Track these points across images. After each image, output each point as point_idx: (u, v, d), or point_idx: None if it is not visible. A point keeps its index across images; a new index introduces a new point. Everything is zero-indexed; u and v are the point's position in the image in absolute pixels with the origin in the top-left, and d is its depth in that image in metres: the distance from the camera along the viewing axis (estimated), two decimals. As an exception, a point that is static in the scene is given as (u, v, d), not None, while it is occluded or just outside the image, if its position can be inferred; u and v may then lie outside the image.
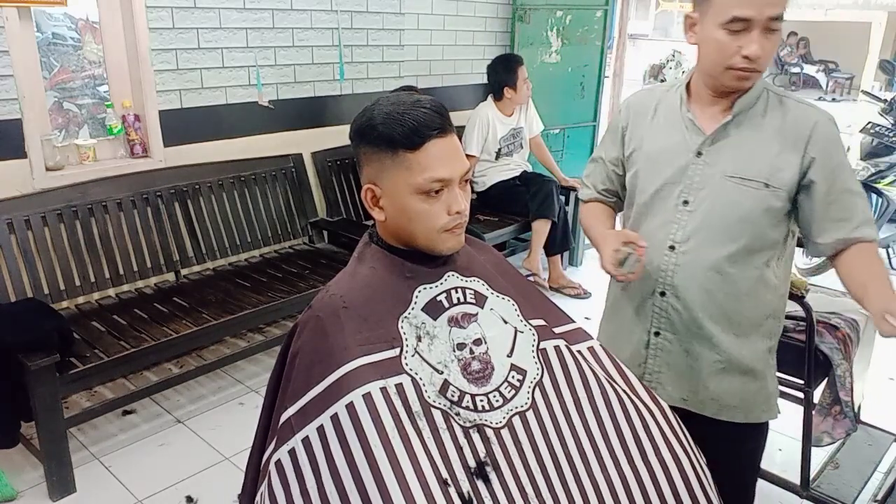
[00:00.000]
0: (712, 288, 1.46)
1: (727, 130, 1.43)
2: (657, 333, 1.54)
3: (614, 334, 1.64)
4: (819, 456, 2.28)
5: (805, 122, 1.40)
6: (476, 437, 1.10)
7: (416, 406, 1.08)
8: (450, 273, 1.21)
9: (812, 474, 2.16)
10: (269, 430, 1.18)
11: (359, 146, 1.16)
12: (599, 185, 1.69)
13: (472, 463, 1.07)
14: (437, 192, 1.12)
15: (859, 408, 2.38)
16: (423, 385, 1.10)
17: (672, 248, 1.48)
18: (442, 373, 1.12)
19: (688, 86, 1.49)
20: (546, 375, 1.19)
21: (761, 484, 1.91)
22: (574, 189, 4.22)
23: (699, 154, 1.45)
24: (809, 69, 13.63)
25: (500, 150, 3.96)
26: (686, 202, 1.46)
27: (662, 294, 1.51)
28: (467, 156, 2.88)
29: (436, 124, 1.11)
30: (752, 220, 1.42)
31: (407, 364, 1.11)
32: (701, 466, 1.23)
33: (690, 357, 1.52)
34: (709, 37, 1.36)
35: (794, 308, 1.85)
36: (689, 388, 1.54)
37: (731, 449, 1.54)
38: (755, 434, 1.61)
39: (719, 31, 1.33)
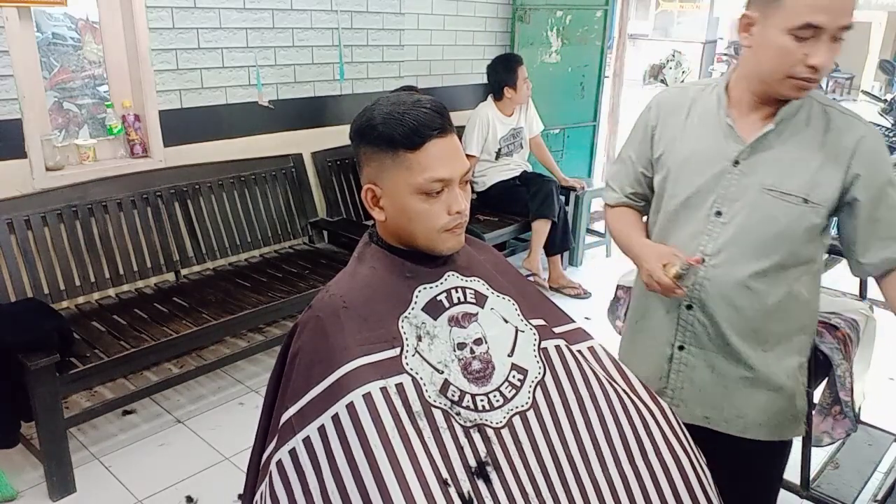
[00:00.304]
0: (742, 303, 1.40)
1: (768, 140, 1.35)
2: (681, 347, 1.48)
3: (635, 348, 1.59)
4: (819, 456, 2.28)
5: (850, 136, 1.33)
6: (476, 436, 1.10)
7: (416, 406, 1.08)
8: (450, 273, 1.21)
9: (812, 474, 2.16)
10: (269, 430, 1.18)
11: (359, 146, 1.16)
12: (627, 187, 1.59)
13: (472, 462, 1.07)
14: (437, 192, 1.12)
15: (860, 408, 2.39)
16: (424, 384, 1.10)
17: (703, 261, 1.40)
18: (442, 372, 1.12)
19: (726, 88, 1.41)
20: (548, 374, 1.19)
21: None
22: (574, 189, 4.22)
23: (736, 163, 1.37)
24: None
25: (500, 150, 3.96)
26: (719, 213, 1.39)
27: (689, 307, 1.45)
28: (467, 156, 2.89)
29: (436, 124, 1.11)
30: (787, 237, 1.36)
31: (407, 364, 1.11)
32: (701, 466, 1.23)
33: (715, 373, 1.46)
34: (771, 41, 1.25)
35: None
36: (713, 405, 1.48)
37: (753, 467, 1.51)
38: (780, 451, 1.56)
39: (785, 36, 1.23)
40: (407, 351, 1.12)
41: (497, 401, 1.14)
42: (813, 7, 1.19)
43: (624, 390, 1.25)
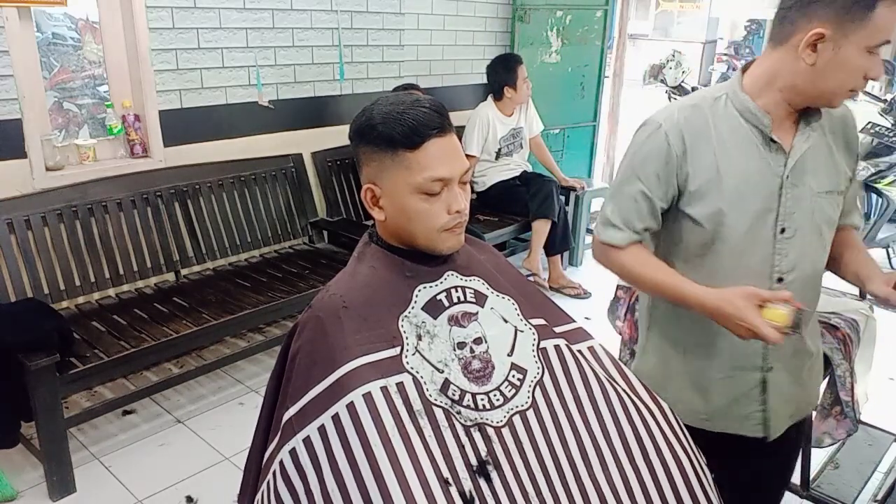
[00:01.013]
0: (814, 304, 1.43)
1: (803, 145, 1.33)
2: (770, 369, 1.41)
3: (698, 382, 1.45)
4: (819, 456, 2.27)
5: (843, 119, 1.38)
6: (477, 435, 1.10)
7: (417, 404, 1.08)
8: (449, 272, 1.21)
9: (812, 474, 2.16)
10: (269, 430, 1.18)
11: (358, 146, 1.16)
12: (638, 223, 1.39)
13: (473, 461, 1.07)
14: (436, 191, 1.12)
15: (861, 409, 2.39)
16: (425, 383, 1.10)
17: (780, 279, 1.35)
18: (443, 372, 1.12)
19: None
20: (546, 374, 1.19)
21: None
22: (574, 189, 4.22)
23: (787, 177, 1.32)
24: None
25: (500, 150, 3.96)
26: (783, 230, 1.33)
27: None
28: (467, 156, 2.88)
29: (435, 123, 1.11)
30: (832, 229, 1.40)
31: (408, 363, 1.11)
32: (701, 467, 1.23)
33: (793, 377, 1.46)
34: (848, 59, 1.20)
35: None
36: (797, 405, 1.51)
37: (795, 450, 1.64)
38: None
39: (864, 54, 1.19)
40: (407, 350, 1.12)
41: (497, 400, 1.14)
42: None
43: (624, 390, 1.24)
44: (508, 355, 1.18)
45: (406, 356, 1.11)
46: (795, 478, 2.11)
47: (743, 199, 1.31)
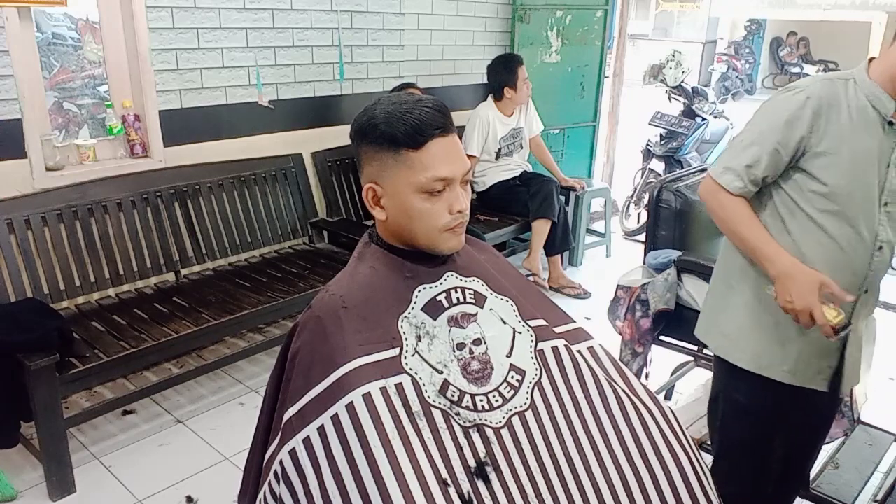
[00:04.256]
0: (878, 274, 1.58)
1: None
2: (849, 325, 1.54)
3: (783, 337, 1.58)
4: (819, 456, 2.27)
5: None
6: (476, 436, 1.10)
7: (415, 406, 1.08)
8: (449, 273, 1.21)
9: (812, 474, 2.16)
10: (269, 431, 1.18)
11: (360, 145, 1.16)
12: (759, 173, 1.53)
13: (472, 463, 1.07)
14: (438, 191, 1.12)
15: (861, 408, 2.39)
16: (423, 385, 1.10)
17: (881, 248, 1.52)
18: (442, 373, 1.12)
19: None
20: (545, 376, 1.19)
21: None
22: (574, 189, 4.22)
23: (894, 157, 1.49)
24: (809, 69, 13.65)
25: (500, 150, 3.96)
26: (886, 203, 1.50)
27: (867, 291, 1.56)
28: (467, 156, 2.88)
29: (438, 123, 1.11)
30: None
31: (407, 364, 1.11)
32: (701, 466, 1.23)
33: (859, 340, 1.61)
34: None
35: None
36: (860, 367, 1.64)
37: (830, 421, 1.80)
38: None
39: None
40: (406, 351, 1.12)
41: (496, 401, 1.14)
42: None
43: (623, 390, 1.25)
44: (507, 356, 1.18)
45: (405, 357, 1.11)
46: (795, 478, 2.11)
47: (858, 169, 1.47)
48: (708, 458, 1.86)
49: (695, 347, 2.33)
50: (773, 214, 1.57)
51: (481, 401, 1.13)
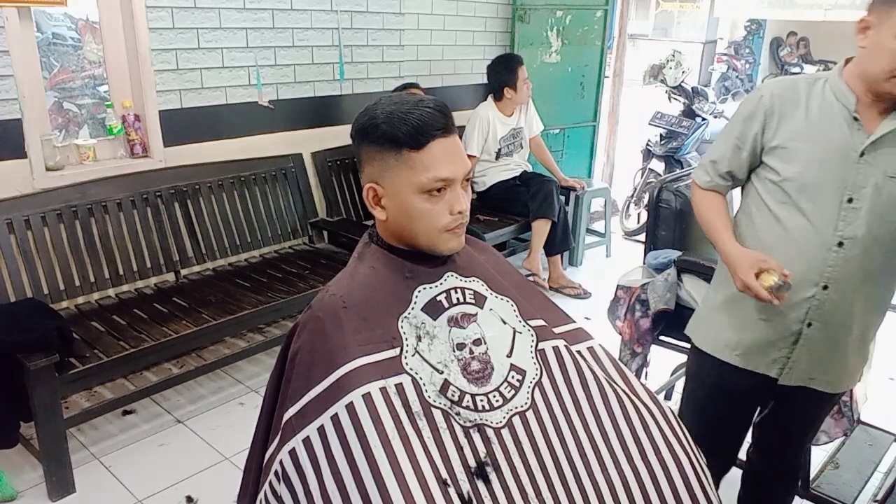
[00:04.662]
0: (876, 279, 1.55)
1: (883, 129, 1.46)
2: (809, 325, 1.57)
3: (741, 322, 1.65)
4: (819, 456, 2.28)
5: None
6: (476, 436, 1.10)
7: (416, 406, 1.08)
8: (449, 273, 1.21)
9: (812, 474, 2.16)
10: (269, 431, 1.18)
11: (361, 145, 1.16)
12: (725, 168, 1.64)
13: (472, 463, 1.07)
14: (439, 191, 1.12)
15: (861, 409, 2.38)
16: (424, 385, 1.10)
17: (841, 244, 1.50)
18: (442, 373, 1.12)
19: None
20: (545, 376, 1.19)
21: (761, 484, 1.91)
22: (574, 189, 4.22)
23: (862, 154, 1.47)
24: (809, 69, 13.64)
25: (500, 150, 3.96)
26: (850, 199, 1.49)
27: (825, 288, 1.54)
28: (467, 156, 2.88)
29: (440, 124, 1.11)
30: None
31: (407, 364, 1.11)
32: (701, 466, 1.23)
33: (832, 342, 1.59)
34: (883, 45, 1.39)
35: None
36: (822, 369, 1.62)
37: (812, 415, 1.77)
38: (837, 398, 1.80)
39: (894, 41, 1.36)
40: (406, 351, 1.12)
41: (497, 401, 1.14)
42: None
43: (623, 391, 1.25)
44: (507, 356, 1.18)
45: (405, 357, 1.11)
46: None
47: (816, 162, 1.50)
48: (734, 471, 1.88)
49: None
50: (747, 208, 1.66)
51: (482, 401, 1.13)
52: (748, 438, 1.88)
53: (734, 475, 1.92)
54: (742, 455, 1.92)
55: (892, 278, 1.61)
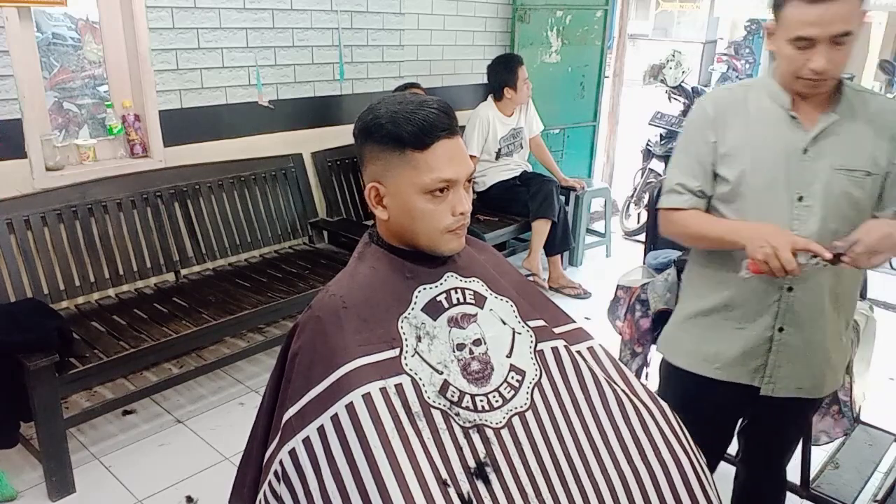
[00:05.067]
0: (840, 274, 1.51)
1: (828, 128, 1.47)
2: (781, 329, 1.55)
3: (714, 335, 1.63)
4: (819, 456, 2.28)
5: (889, 111, 1.48)
6: (476, 437, 1.10)
7: (415, 406, 1.08)
8: (449, 273, 1.21)
9: (812, 474, 2.16)
10: (269, 431, 1.18)
11: (364, 144, 1.16)
12: (694, 183, 1.59)
13: (471, 463, 1.07)
14: (441, 192, 1.12)
15: (860, 408, 2.38)
16: (423, 385, 1.10)
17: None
18: (442, 373, 1.12)
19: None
20: (545, 377, 1.19)
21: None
22: (574, 189, 4.22)
23: (805, 151, 1.48)
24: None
25: (500, 150, 3.96)
26: (801, 198, 1.48)
27: (790, 290, 1.52)
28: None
29: (444, 124, 1.11)
30: (861, 208, 1.48)
31: (407, 364, 1.11)
32: (701, 466, 1.23)
33: (809, 347, 1.56)
34: (781, 49, 1.42)
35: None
36: (809, 375, 1.59)
37: (798, 421, 1.77)
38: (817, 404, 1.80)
39: (788, 45, 1.39)
40: (406, 352, 1.12)
41: (496, 401, 1.14)
42: (802, 23, 1.34)
43: (623, 391, 1.24)
44: (507, 357, 1.18)
45: (405, 358, 1.11)
46: (795, 478, 2.12)
47: (762, 164, 1.50)
48: (723, 466, 1.88)
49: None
50: None
51: (481, 401, 1.13)
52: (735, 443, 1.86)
53: (727, 470, 1.92)
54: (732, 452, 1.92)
55: (858, 282, 1.60)
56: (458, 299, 1.19)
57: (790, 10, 1.36)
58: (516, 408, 1.15)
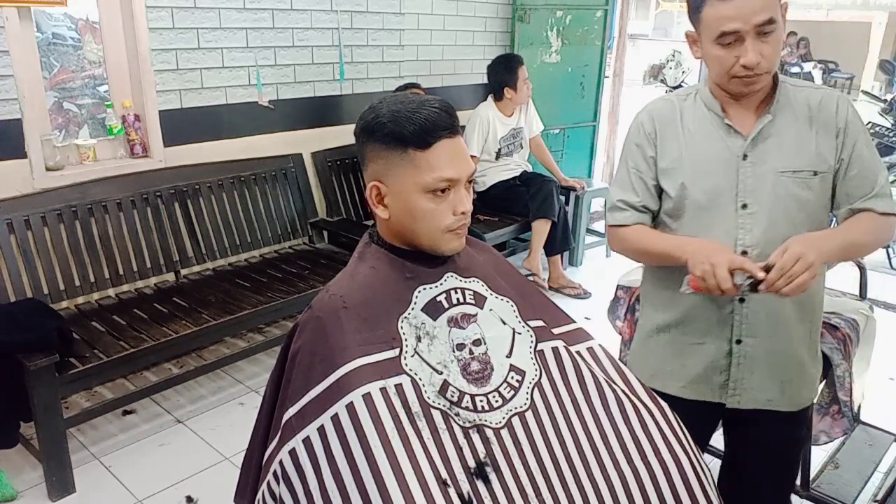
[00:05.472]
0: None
1: (766, 129, 1.43)
2: (738, 342, 1.50)
3: (675, 352, 1.58)
4: (819, 456, 2.28)
5: (830, 105, 1.43)
6: (476, 437, 1.10)
7: (415, 406, 1.08)
8: (449, 274, 1.21)
9: (812, 474, 2.16)
10: (269, 431, 1.18)
11: (365, 143, 1.16)
12: (636, 199, 1.55)
13: (471, 463, 1.07)
14: (443, 191, 1.12)
15: (859, 407, 2.39)
16: (423, 385, 1.10)
17: (745, 253, 1.43)
18: (441, 373, 1.12)
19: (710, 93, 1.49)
20: (544, 377, 1.19)
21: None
22: (574, 189, 4.22)
23: (745, 157, 1.44)
24: (809, 69, 13.63)
25: (500, 150, 3.96)
26: (745, 205, 1.44)
27: (742, 301, 1.47)
28: (467, 156, 2.88)
29: (446, 124, 1.11)
30: (810, 210, 1.43)
31: (406, 364, 1.11)
32: (701, 466, 1.23)
33: (772, 357, 1.51)
34: (708, 52, 1.40)
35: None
36: (777, 387, 1.52)
37: (785, 439, 1.61)
38: (803, 419, 1.65)
39: (715, 46, 1.37)
40: (406, 352, 1.12)
41: (496, 401, 1.14)
42: (723, 18, 1.32)
43: (623, 391, 1.24)
44: (507, 357, 1.18)
45: (405, 358, 1.11)
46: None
47: (702, 175, 1.46)
48: (709, 459, 1.86)
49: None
50: None
51: (481, 401, 1.13)
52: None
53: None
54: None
55: (819, 288, 1.53)
56: (458, 299, 1.19)
57: (708, 11, 1.34)
58: (516, 408, 1.15)
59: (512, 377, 1.17)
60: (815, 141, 1.42)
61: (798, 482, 2.10)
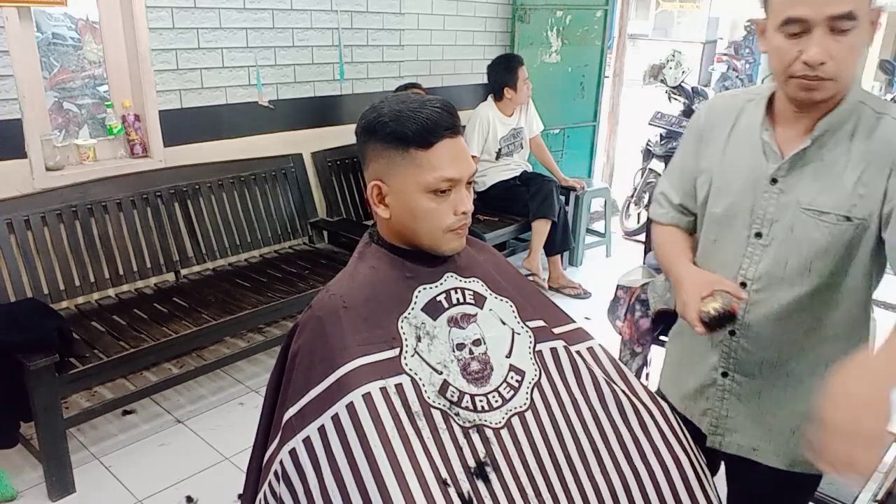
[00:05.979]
0: (790, 327, 1.27)
1: (806, 155, 1.21)
2: (725, 374, 1.36)
3: (679, 361, 1.50)
4: (819, 456, 2.27)
5: (890, 142, 1.17)
6: (476, 437, 1.10)
7: (415, 406, 1.08)
8: (449, 273, 1.21)
9: (812, 474, 2.15)
10: (269, 431, 1.18)
11: (366, 142, 1.16)
12: (677, 199, 1.43)
13: (471, 463, 1.07)
14: (444, 191, 1.12)
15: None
16: (423, 385, 1.10)
17: (743, 284, 1.28)
18: (441, 373, 1.12)
19: (770, 100, 1.27)
20: (544, 377, 1.19)
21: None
22: (574, 189, 4.22)
23: (774, 181, 1.24)
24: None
25: (500, 150, 3.96)
26: (759, 234, 1.26)
27: (732, 333, 1.31)
28: (467, 156, 2.88)
29: (448, 123, 1.11)
30: (831, 265, 1.22)
31: (406, 364, 1.11)
32: (701, 467, 1.23)
33: (765, 402, 1.33)
34: (771, 43, 1.17)
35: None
36: (763, 436, 1.35)
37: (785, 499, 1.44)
38: (802, 483, 1.40)
39: (778, 35, 1.14)
40: (406, 352, 1.12)
41: (496, 401, 1.14)
42: (791, 2, 1.11)
43: (623, 391, 1.24)
44: (507, 357, 1.18)
45: (405, 358, 1.11)
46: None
47: (725, 189, 1.32)
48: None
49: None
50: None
51: (481, 401, 1.13)
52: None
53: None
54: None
55: (829, 334, 1.29)
56: (457, 299, 1.19)
57: None
58: (516, 408, 1.15)
59: (511, 377, 1.17)
60: (858, 180, 1.17)
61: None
